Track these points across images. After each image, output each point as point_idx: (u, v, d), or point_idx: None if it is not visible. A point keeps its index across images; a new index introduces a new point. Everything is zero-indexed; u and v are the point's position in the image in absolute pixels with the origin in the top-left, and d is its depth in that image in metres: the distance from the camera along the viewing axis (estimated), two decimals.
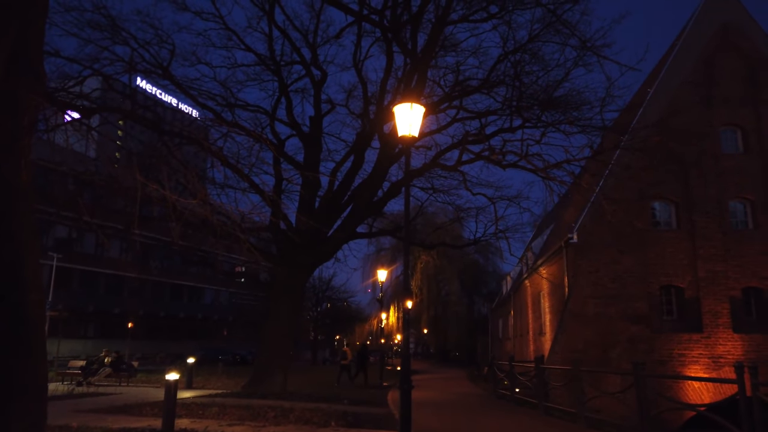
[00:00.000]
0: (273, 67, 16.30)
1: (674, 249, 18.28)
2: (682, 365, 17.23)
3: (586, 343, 17.44)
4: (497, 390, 17.46)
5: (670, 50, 21.01)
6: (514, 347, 30.85)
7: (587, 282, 18.07)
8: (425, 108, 14.77)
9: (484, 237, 18.15)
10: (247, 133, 13.38)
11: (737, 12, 20.08)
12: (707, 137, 18.91)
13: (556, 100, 14.15)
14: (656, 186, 18.69)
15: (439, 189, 17.89)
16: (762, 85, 19.38)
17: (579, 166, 14.09)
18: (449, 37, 15.69)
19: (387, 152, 15.86)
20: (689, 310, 17.90)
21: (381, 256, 45.28)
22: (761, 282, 17.97)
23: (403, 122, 8.56)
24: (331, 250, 16.51)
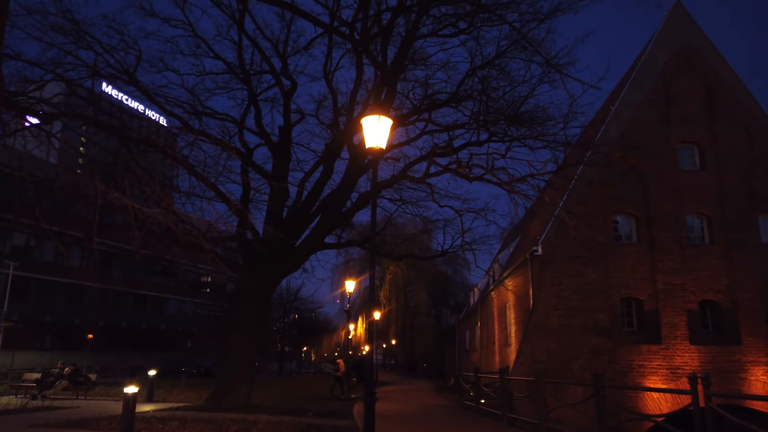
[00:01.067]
0: (242, 76, 16.20)
1: (635, 262, 18.80)
2: (642, 376, 17.66)
3: (550, 355, 17.72)
4: (463, 401, 17.55)
5: (632, 69, 21.75)
6: (481, 358, 31.10)
7: (551, 294, 18.40)
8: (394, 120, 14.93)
9: (452, 249, 18.32)
10: (214, 141, 13.28)
11: (695, 34, 20.94)
12: (666, 154, 19.60)
13: (522, 116, 14.46)
14: (618, 200, 19.24)
15: (407, 200, 18.02)
16: (718, 105, 20.21)
17: (543, 180, 14.39)
18: (419, 51, 15.89)
19: (356, 163, 15.90)
20: (649, 322, 18.40)
21: (350, 266, 45.24)
22: (716, 295, 18.61)
23: (371, 134, 8.63)
24: (298, 260, 16.40)
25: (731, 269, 18.65)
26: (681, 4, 21.16)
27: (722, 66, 20.67)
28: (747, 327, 18.14)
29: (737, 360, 17.86)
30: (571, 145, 14.56)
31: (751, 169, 19.66)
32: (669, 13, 21.21)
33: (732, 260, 18.72)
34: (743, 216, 19.14)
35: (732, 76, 20.62)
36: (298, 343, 66.52)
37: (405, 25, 14.65)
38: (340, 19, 13.95)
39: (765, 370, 17.79)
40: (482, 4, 13.10)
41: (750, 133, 19.95)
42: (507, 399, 13.46)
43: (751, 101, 20.40)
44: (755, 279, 18.55)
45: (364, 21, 14.31)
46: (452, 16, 14.34)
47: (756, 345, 17.97)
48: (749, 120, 20.11)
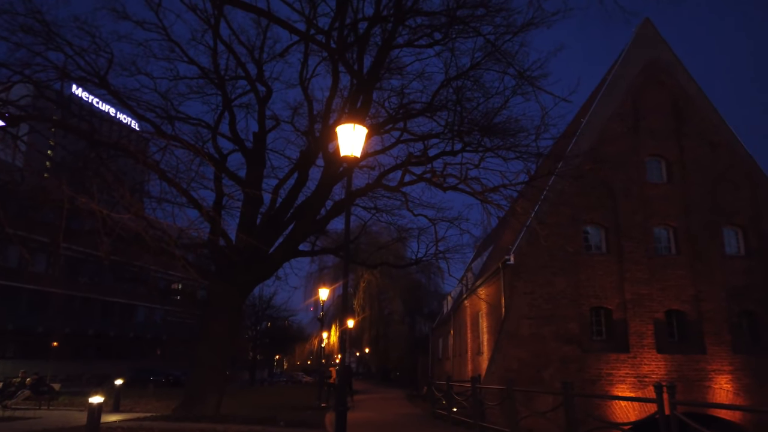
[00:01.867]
0: (217, 81, 16.07)
1: (604, 272, 19.16)
2: (610, 384, 17.95)
3: (521, 363, 17.89)
4: (435, 410, 17.56)
5: (602, 83, 22.27)
6: (453, 367, 31.19)
7: (523, 303, 18.61)
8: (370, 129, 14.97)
9: (426, 257, 18.42)
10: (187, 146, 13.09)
11: (663, 50, 21.57)
12: (635, 166, 20.08)
13: (496, 127, 14.67)
14: (588, 211, 19.60)
15: (382, 209, 18.07)
16: (684, 119, 20.81)
17: (516, 190, 14.59)
18: (395, 61, 16.01)
19: (331, 171, 15.89)
20: (617, 331, 18.74)
21: (324, 274, 45.03)
22: (682, 305, 19.07)
23: (346, 142, 8.66)
24: (271, 268, 16.27)
25: (696, 280, 19.15)
26: (649, 21, 21.79)
27: (689, 82, 21.32)
28: (711, 336, 18.62)
29: (702, 368, 18.30)
30: (542, 156, 14.80)
31: (716, 182, 20.27)
32: (638, 29, 21.82)
33: (697, 271, 19.22)
34: (708, 228, 19.70)
35: (698, 91, 21.28)
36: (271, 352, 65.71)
37: (381, 34, 14.76)
38: (317, 27, 13.97)
39: (728, 378, 18.27)
40: (457, 16, 13.28)
41: (715, 148, 20.59)
42: (478, 407, 13.53)
43: (716, 116, 21.07)
44: (719, 290, 19.08)
45: (341, 29, 14.37)
46: (428, 27, 14.50)
47: (720, 354, 18.44)
48: (714, 135, 20.75)
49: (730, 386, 18.19)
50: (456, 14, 13.53)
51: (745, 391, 18.15)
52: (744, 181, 20.41)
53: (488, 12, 13.56)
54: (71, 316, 43.95)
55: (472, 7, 13.64)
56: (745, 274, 19.51)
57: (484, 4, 13.48)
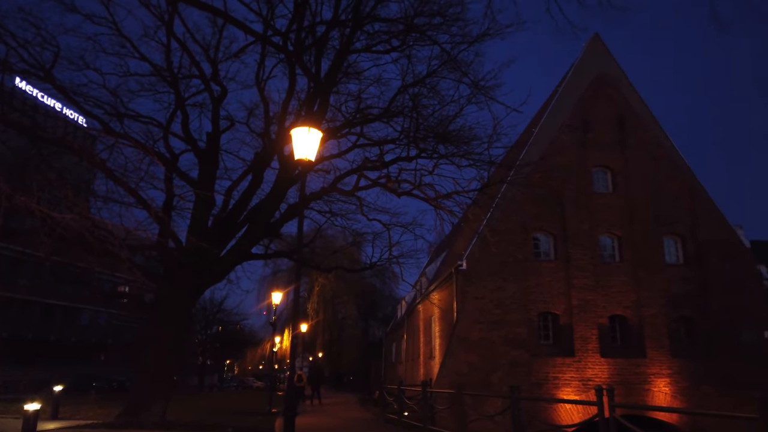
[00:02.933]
0: (169, 79, 15.69)
1: (552, 278, 19.72)
2: (556, 387, 18.47)
3: (471, 367, 18.19)
4: (386, 414, 17.63)
5: (552, 95, 23.00)
6: (406, 371, 31.38)
7: (474, 308, 18.94)
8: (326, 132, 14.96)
9: (380, 262, 18.53)
10: (136, 145, 12.75)
11: (610, 65, 22.48)
12: (582, 176, 20.79)
13: (450, 134, 14.92)
14: (538, 219, 20.16)
15: (337, 213, 18.05)
16: (629, 132, 21.70)
17: (468, 197, 14.88)
18: (352, 65, 16.06)
19: (286, 174, 15.76)
20: (563, 336, 19.31)
21: (278, 277, 44.40)
22: (625, 311, 19.84)
23: (301, 145, 8.64)
24: (223, 271, 15.97)
25: (638, 286, 19.96)
26: (598, 37, 22.67)
27: (633, 96, 22.27)
28: (651, 341, 19.43)
29: (642, 372, 19.07)
30: (495, 164, 15.15)
31: (657, 193, 21.21)
32: (587, 44, 22.66)
33: (639, 278, 20.04)
34: (650, 237, 20.57)
35: (642, 105, 22.26)
36: (221, 357, 64.37)
37: (339, 38, 14.78)
38: (274, 28, 13.87)
39: (666, 381, 19.10)
40: (414, 24, 13.47)
41: (656, 160, 21.55)
42: (429, 411, 13.67)
43: (658, 130, 22.08)
44: (659, 296, 19.94)
45: (298, 32, 14.31)
46: (386, 34, 14.63)
47: (659, 358, 19.27)
48: (656, 148, 21.72)
49: (668, 389, 19.02)
50: (413, 22, 13.72)
51: (682, 393, 19.01)
52: (683, 193, 21.44)
53: (445, 21, 13.83)
54: (8, 319, 41.81)
55: (430, 16, 13.87)
56: (683, 282, 20.48)
57: (441, 14, 13.74)
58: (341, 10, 13.77)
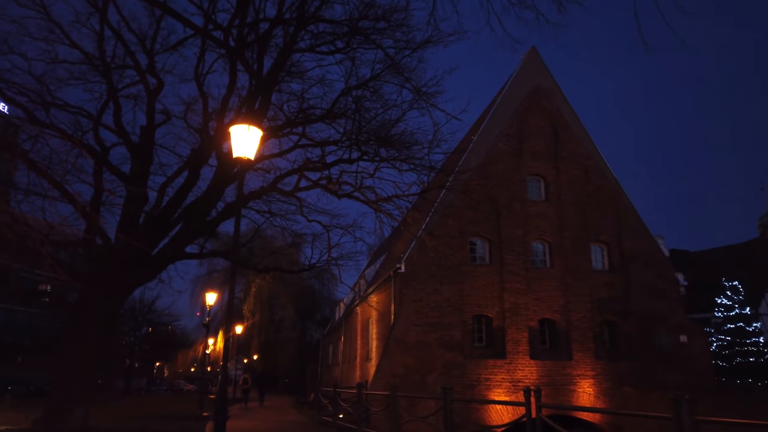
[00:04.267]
0: (102, 69, 14.94)
1: (486, 282, 20.27)
2: (488, 389, 18.97)
3: (407, 369, 18.40)
4: (320, 417, 17.52)
5: (491, 105, 23.66)
6: (342, 373, 31.32)
7: (411, 310, 19.17)
8: (267, 131, 14.74)
9: (319, 263, 18.35)
10: (63, 136, 12.09)
11: (546, 78, 23.38)
12: (517, 184, 21.51)
13: (392, 138, 15.03)
14: (474, 224, 20.67)
15: (276, 213, 17.75)
16: (562, 143, 22.65)
17: (408, 201, 15.05)
18: (296, 64, 15.87)
19: (224, 171, 15.37)
20: (496, 338, 19.87)
21: (213, 278, 43.28)
22: (553, 314, 20.66)
23: (239, 143, 8.48)
24: (154, 270, 15.36)
25: (566, 291, 20.84)
26: (536, 50, 23.54)
27: (567, 109, 23.27)
28: (577, 344, 20.33)
29: (568, 373, 19.92)
30: (435, 170, 15.41)
31: (586, 202, 22.25)
32: (525, 57, 23.48)
33: (567, 283, 20.93)
34: (578, 244, 21.54)
35: (574, 118, 23.29)
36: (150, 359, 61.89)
37: (283, 36, 14.58)
38: (215, 22, 13.53)
39: (591, 382, 20.03)
40: (359, 27, 13.50)
41: (586, 171, 22.61)
42: (363, 413, 13.71)
43: (588, 142, 23.16)
44: (585, 301, 20.90)
45: (241, 28, 14.01)
46: (330, 35, 14.56)
47: (584, 360, 20.19)
48: (586, 159, 22.79)
49: (592, 390, 19.96)
50: (358, 25, 13.75)
51: (605, 394, 20.00)
52: (610, 203, 22.60)
53: (389, 26, 13.93)
54: None
55: (374, 20, 13.93)
56: (607, 288, 21.56)
57: (386, 18, 13.84)
58: (285, 8, 13.61)
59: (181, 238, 15.39)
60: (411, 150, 14.76)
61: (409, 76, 14.02)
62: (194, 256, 18.28)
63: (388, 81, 15.14)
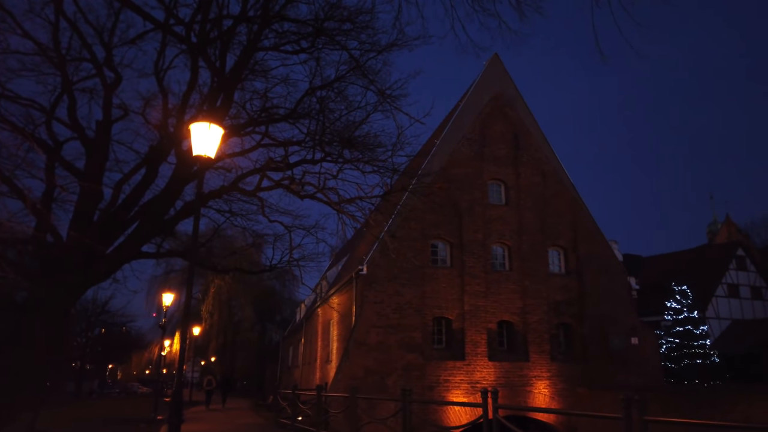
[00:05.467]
0: (56, 60, 14.40)
1: (447, 284, 20.49)
2: (447, 390, 19.17)
3: (367, 371, 18.41)
4: (279, 419, 17.37)
5: (455, 109, 23.97)
6: (302, 375, 31.09)
7: (372, 312, 19.21)
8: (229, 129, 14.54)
9: (280, 264, 18.16)
10: (13, 129, 11.61)
11: (507, 85, 23.84)
12: (478, 188, 21.85)
13: (356, 140, 15.02)
14: (436, 227, 20.88)
15: (237, 213, 17.47)
16: (522, 149, 23.13)
17: (371, 203, 15.07)
18: (260, 63, 15.68)
19: (184, 169, 15.04)
20: (455, 340, 20.11)
21: (170, 278, 42.23)
22: (512, 317, 21.05)
23: (200, 141, 8.36)
24: (108, 269, 14.90)
25: (525, 294, 21.27)
26: (498, 57, 23.96)
27: (527, 115, 23.78)
28: (534, 345, 20.77)
29: (525, 375, 20.32)
30: (398, 172, 15.48)
31: (544, 207, 22.77)
32: (488, 63, 23.88)
33: (525, 286, 21.36)
34: (536, 248, 22.02)
35: (534, 125, 23.81)
36: (103, 361, 60.01)
37: (247, 34, 14.39)
38: (177, 17, 13.25)
39: (546, 384, 20.49)
40: (324, 27, 13.46)
41: (545, 177, 23.15)
42: (323, 416, 13.65)
43: (547, 149, 23.72)
44: (542, 304, 21.39)
45: (203, 24, 13.76)
46: (295, 34, 14.45)
47: (540, 362, 20.64)
48: (545, 165, 23.34)
49: (547, 391, 20.41)
50: (323, 25, 13.70)
51: (560, 395, 20.49)
52: (567, 209, 23.19)
53: (354, 28, 13.93)
54: None
55: (340, 21, 13.90)
56: (563, 291, 22.11)
57: (351, 20, 13.83)
58: (249, 5, 13.45)
59: (138, 237, 14.99)
60: (375, 152, 14.79)
61: (373, 79, 14.06)
62: (151, 255, 17.82)
63: (353, 82, 15.13)
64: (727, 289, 38.20)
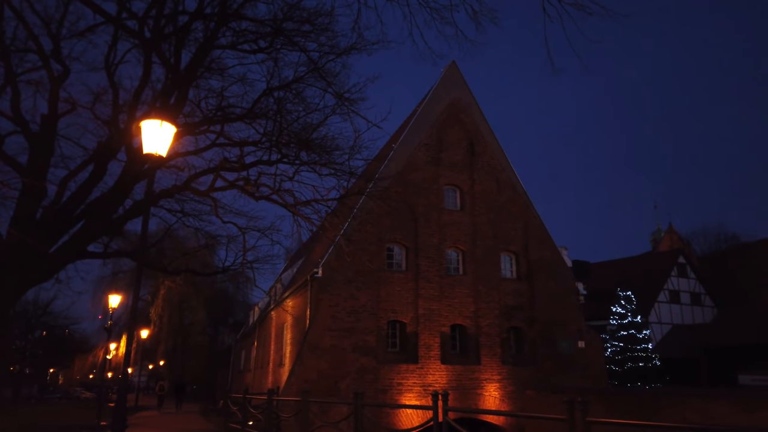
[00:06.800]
0: (0, 51, 13.81)
1: (402, 288, 20.63)
2: (400, 393, 19.28)
3: (320, 374, 18.32)
4: (229, 424, 17.05)
5: (413, 114, 24.20)
6: (255, 379, 30.62)
7: (327, 315, 19.13)
8: (183, 128, 14.24)
9: (234, 266, 17.87)
10: None
11: (464, 92, 24.25)
12: (434, 193, 22.12)
13: (313, 142, 14.95)
14: (392, 231, 21.00)
15: (189, 213, 17.09)
16: (477, 156, 23.56)
17: (327, 206, 15.03)
18: (216, 61, 15.41)
19: (134, 167, 14.60)
20: (409, 344, 20.26)
21: (118, 279, 40.84)
22: (465, 320, 21.37)
23: (151, 139, 8.17)
24: (51, 269, 14.32)
25: (477, 298, 21.64)
26: (455, 65, 24.36)
27: (483, 123, 24.25)
28: (485, 349, 21.14)
29: (476, 377, 20.66)
30: (355, 175, 15.50)
31: (497, 213, 23.25)
32: (445, 70, 24.24)
33: (478, 290, 21.74)
34: (489, 253, 22.45)
35: (489, 132, 24.29)
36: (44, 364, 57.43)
37: (204, 31, 14.13)
38: (130, 11, 12.88)
39: (497, 386, 20.88)
40: (283, 28, 13.37)
41: (499, 183, 23.64)
42: (274, 420, 13.50)
43: (502, 156, 24.23)
44: (494, 307, 21.81)
45: (157, 19, 13.44)
46: (253, 33, 14.28)
47: (491, 364, 21.03)
48: (499, 172, 23.84)
49: (498, 393, 20.81)
50: (282, 26, 13.59)
51: (509, 397, 20.91)
52: (519, 215, 23.75)
53: (314, 29, 13.88)
54: None
55: (299, 22, 13.83)
56: (514, 295, 22.62)
57: (311, 21, 13.78)
58: (206, 2, 13.23)
59: (84, 236, 14.46)
60: (332, 155, 14.75)
61: (332, 81, 14.04)
62: (97, 255, 17.21)
63: (311, 84, 15.06)
64: (669, 295, 39.95)
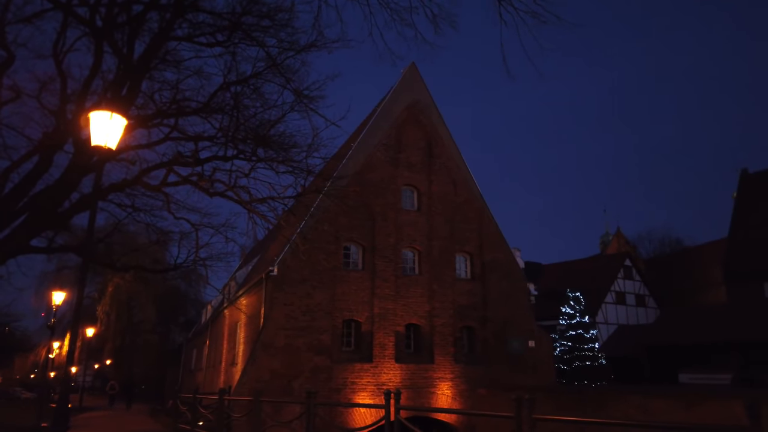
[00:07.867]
0: None
1: (358, 287, 20.65)
2: (354, 392, 19.29)
3: (273, 374, 18.14)
4: (178, 425, 16.67)
5: (372, 114, 24.25)
6: (206, 379, 30.02)
7: (281, 314, 18.96)
8: (135, 120, 13.84)
9: (186, 263, 17.47)
10: None
11: (423, 93, 24.47)
12: (392, 193, 22.23)
13: (270, 138, 14.77)
14: (349, 230, 20.99)
15: (140, 208, 16.60)
16: (435, 157, 23.82)
17: (284, 204, 14.89)
18: (171, 52, 15.02)
19: (81, 160, 14.04)
20: (364, 343, 20.30)
21: (62, 275, 39.20)
22: (419, 320, 21.58)
23: (100, 131, 7.92)
24: None
25: (432, 298, 21.89)
26: (415, 66, 24.55)
27: (441, 125, 24.53)
28: (439, 348, 21.41)
29: (430, 376, 20.89)
30: (312, 174, 15.42)
31: (453, 214, 23.58)
32: (405, 71, 24.39)
33: (433, 290, 21.99)
34: (444, 253, 22.74)
35: (447, 134, 24.60)
36: None
37: (159, 21, 13.76)
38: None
39: (449, 385, 21.18)
40: (241, 22, 13.17)
41: (455, 185, 23.98)
42: (225, 420, 13.29)
43: (459, 158, 24.58)
44: (448, 307, 22.11)
45: (110, 7, 13.00)
46: (210, 26, 13.99)
47: (444, 363, 21.31)
48: (456, 173, 24.17)
49: (450, 392, 21.10)
50: (241, 20, 13.38)
51: (461, 396, 21.24)
52: (475, 217, 24.15)
53: (273, 25, 13.72)
54: None
55: (258, 17, 13.65)
56: (468, 295, 22.99)
57: (270, 17, 13.60)
58: None
59: (26, 230, 13.84)
60: (289, 152, 14.61)
61: (291, 78, 13.91)
62: (41, 250, 16.51)
63: (269, 80, 14.86)
64: (615, 296, 41.48)
